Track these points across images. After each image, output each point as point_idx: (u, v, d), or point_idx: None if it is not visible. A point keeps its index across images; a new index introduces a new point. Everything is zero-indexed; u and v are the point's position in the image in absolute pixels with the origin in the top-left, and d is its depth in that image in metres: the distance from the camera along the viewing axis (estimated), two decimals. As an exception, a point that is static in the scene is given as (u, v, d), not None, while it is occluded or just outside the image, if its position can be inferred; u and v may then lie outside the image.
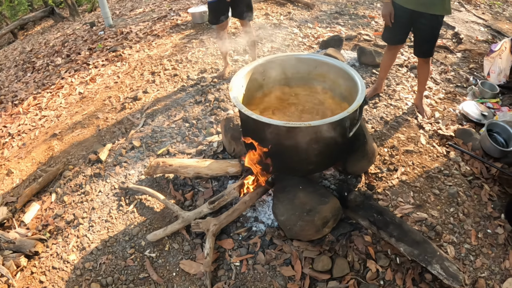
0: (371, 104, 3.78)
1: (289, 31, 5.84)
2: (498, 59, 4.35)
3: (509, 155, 3.08)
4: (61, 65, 5.80)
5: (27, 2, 12.76)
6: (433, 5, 3.06)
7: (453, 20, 6.65)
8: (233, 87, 2.33)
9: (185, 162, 2.72)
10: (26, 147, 3.86)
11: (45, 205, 3.00)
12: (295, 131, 1.98)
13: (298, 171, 2.34)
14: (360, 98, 2.14)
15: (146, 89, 4.27)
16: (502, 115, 3.59)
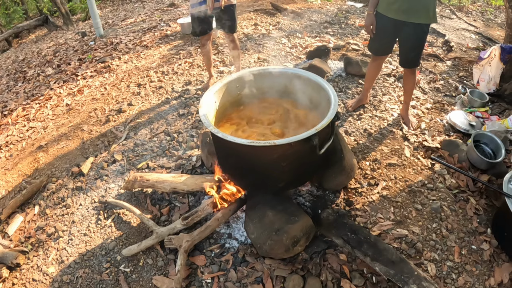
0: (355, 116, 3.75)
1: (277, 41, 5.86)
2: (488, 67, 4.33)
3: (497, 166, 3.02)
4: (51, 76, 5.83)
5: (22, 10, 12.79)
6: (417, 14, 3.02)
7: (443, 27, 6.67)
8: (203, 104, 2.32)
9: (162, 177, 2.73)
10: (13, 159, 3.87)
11: (28, 217, 3.01)
12: (261, 149, 1.98)
13: (268, 188, 2.33)
14: (331, 114, 2.12)
15: (131, 102, 4.29)
16: (491, 125, 3.55)
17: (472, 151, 3.05)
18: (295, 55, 5.33)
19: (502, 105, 4.06)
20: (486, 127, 3.52)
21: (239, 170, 2.29)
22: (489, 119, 3.80)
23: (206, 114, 2.22)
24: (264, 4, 8.11)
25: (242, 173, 2.31)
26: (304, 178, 2.45)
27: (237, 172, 2.33)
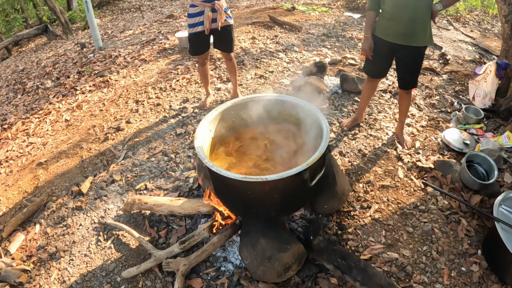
0: (350, 136, 3.79)
1: (275, 56, 5.90)
2: (483, 83, 4.38)
3: (490, 187, 3.06)
4: (50, 89, 5.89)
5: (22, 18, 12.86)
6: (415, 37, 3.07)
7: (440, 39, 6.73)
8: (198, 135, 2.40)
9: (160, 200, 2.81)
10: (13, 175, 3.93)
11: (29, 236, 3.08)
12: (254, 184, 2.06)
13: (261, 216, 2.41)
14: (323, 148, 2.20)
15: (129, 119, 4.36)
16: (485, 143, 3.58)
17: (464, 172, 3.09)
18: (292, 71, 5.39)
19: (497, 121, 4.13)
20: (481, 145, 3.54)
21: (233, 199, 2.38)
22: (484, 136, 3.83)
23: (202, 146, 2.30)
24: (262, 17, 8.16)
25: (236, 202, 2.39)
26: (296, 207, 2.53)
27: (231, 201, 2.42)
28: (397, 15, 3.04)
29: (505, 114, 4.11)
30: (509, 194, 2.66)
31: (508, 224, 2.41)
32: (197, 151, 2.25)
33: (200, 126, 2.51)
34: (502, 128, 3.96)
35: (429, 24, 3.06)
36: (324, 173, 2.45)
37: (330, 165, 2.68)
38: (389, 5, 3.08)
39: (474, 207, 2.80)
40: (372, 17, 3.25)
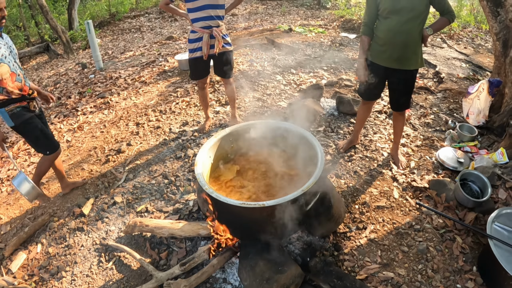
0: (346, 157, 3.86)
1: (272, 78, 5.99)
2: (477, 100, 4.44)
3: (484, 204, 3.09)
4: (52, 109, 5.99)
5: (24, 36, 13.01)
6: (408, 61, 3.18)
7: (434, 57, 6.83)
8: (198, 162, 2.50)
9: (160, 223, 2.89)
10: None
11: (31, 255, 3.12)
12: (252, 209, 2.16)
13: (259, 239, 2.48)
14: (318, 174, 2.30)
15: (130, 142, 4.45)
16: (479, 160, 3.63)
17: (458, 191, 3.13)
18: (289, 93, 5.48)
19: (491, 138, 4.19)
20: (475, 163, 3.60)
21: (232, 223, 2.47)
22: (478, 154, 3.89)
23: (202, 173, 2.40)
24: (259, 39, 8.33)
25: (235, 226, 2.49)
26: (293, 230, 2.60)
27: (231, 225, 2.51)
28: (389, 41, 3.15)
29: (499, 131, 4.18)
30: (503, 211, 2.70)
31: (501, 240, 2.45)
32: (198, 177, 2.35)
33: (200, 152, 2.62)
34: (496, 144, 4.02)
35: (420, 48, 3.19)
36: (319, 197, 2.55)
37: (325, 188, 2.74)
38: (382, 31, 3.19)
39: (467, 225, 2.84)
40: (366, 42, 3.34)
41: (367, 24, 3.31)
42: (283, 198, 2.11)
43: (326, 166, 3.72)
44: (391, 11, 3.07)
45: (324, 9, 12.48)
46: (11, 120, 2.97)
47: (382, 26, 3.19)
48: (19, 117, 2.98)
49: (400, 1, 3.01)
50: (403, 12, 3.02)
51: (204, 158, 2.63)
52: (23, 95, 3.01)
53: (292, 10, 12.73)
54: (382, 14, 3.17)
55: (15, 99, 2.95)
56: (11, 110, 2.94)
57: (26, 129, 3.09)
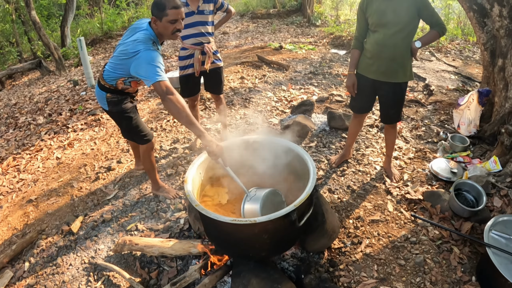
0: (338, 172, 3.87)
1: (263, 95, 6.06)
2: (467, 111, 4.49)
3: (479, 213, 3.10)
4: (42, 125, 5.96)
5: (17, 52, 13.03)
6: (395, 74, 3.20)
7: (424, 71, 6.92)
8: (188, 178, 2.48)
9: (150, 241, 2.86)
10: (3, 211, 3.95)
11: (18, 273, 3.07)
12: (243, 226, 2.14)
13: (252, 257, 2.46)
14: (309, 189, 2.29)
15: (120, 159, 4.43)
16: (472, 169, 3.65)
17: (453, 201, 3.15)
18: (280, 110, 5.52)
19: (483, 147, 4.22)
20: (468, 173, 3.62)
21: (224, 241, 2.45)
22: (471, 163, 3.91)
23: (192, 190, 2.39)
24: (250, 56, 8.42)
25: (227, 243, 2.46)
26: (286, 246, 2.59)
27: (222, 242, 2.48)
28: (377, 54, 3.19)
29: (491, 139, 4.22)
30: (499, 219, 2.71)
31: (499, 248, 2.45)
32: (188, 194, 2.33)
33: (190, 169, 2.61)
34: (488, 153, 4.05)
35: (409, 61, 3.20)
36: (313, 212, 2.53)
37: (319, 203, 2.76)
38: (370, 44, 3.24)
39: (464, 235, 2.83)
40: (356, 56, 3.39)
41: (358, 38, 3.37)
42: (274, 214, 2.10)
43: (319, 182, 3.73)
44: (378, 24, 3.13)
45: (314, 27, 12.67)
46: (108, 105, 3.09)
47: (370, 39, 3.25)
48: (115, 105, 3.10)
49: (387, 15, 3.06)
50: (389, 25, 3.07)
51: (195, 175, 2.62)
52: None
53: (282, 28, 12.92)
54: (370, 27, 3.24)
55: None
56: (112, 97, 3.07)
57: (117, 118, 3.25)
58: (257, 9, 15.68)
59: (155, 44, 2.73)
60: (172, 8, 2.62)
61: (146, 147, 3.36)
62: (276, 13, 15.03)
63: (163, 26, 2.69)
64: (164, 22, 2.66)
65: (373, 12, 3.14)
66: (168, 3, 2.61)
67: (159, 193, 3.63)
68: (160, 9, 2.63)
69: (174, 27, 2.70)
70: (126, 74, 2.87)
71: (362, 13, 3.27)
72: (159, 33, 2.76)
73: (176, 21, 2.68)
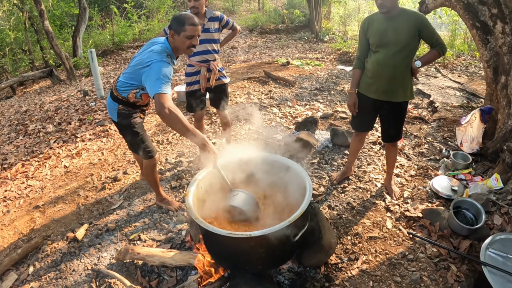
0: (339, 189, 3.90)
1: (269, 111, 6.14)
2: (470, 128, 4.48)
3: (478, 231, 3.10)
4: (52, 133, 6.10)
5: (29, 60, 13.27)
6: (395, 94, 3.25)
7: (429, 87, 6.92)
8: (190, 192, 2.59)
9: (152, 251, 2.95)
10: (10, 215, 4.06)
11: (22, 276, 3.16)
12: (239, 239, 2.21)
13: (248, 270, 2.53)
14: (305, 206, 2.36)
15: (126, 170, 4.54)
16: (474, 187, 3.64)
17: (452, 219, 3.16)
18: (285, 126, 5.59)
19: (486, 164, 4.23)
20: (469, 190, 3.63)
21: (221, 253, 2.53)
22: (473, 181, 3.91)
23: (192, 203, 2.49)
24: (257, 72, 8.52)
25: (224, 256, 2.54)
26: (282, 260, 2.66)
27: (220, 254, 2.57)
28: (377, 74, 3.24)
29: (493, 157, 4.21)
30: (497, 237, 2.70)
31: (494, 267, 2.45)
32: (188, 207, 2.43)
33: (192, 183, 2.71)
34: (490, 171, 4.04)
35: (409, 81, 3.25)
36: (309, 228, 2.59)
37: (317, 220, 2.82)
38: (371, 64, 3.29)
39: (460, 253, 2.84)
40: (357, 75, 3.45)
41: (359, 58, 3.43)
42: (270, 229, 2.18)
43: (319, 198, 3.78)
44: (379, 44, 3.19)
45: (321, 42, 12.79)
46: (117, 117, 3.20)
47: (371, 59, 3.30)
48: (124, 118, 3.20)
49: (387, 35, 3.11)
50: (390, 45, 3.12)
51: (196, 189, 2.72)
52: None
53: (290, 43, 13.05)
54: (371, 47, 3.29)
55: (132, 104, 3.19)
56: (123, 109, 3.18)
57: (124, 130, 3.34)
58: (266, 25, 15.89)
59: (170, 57, 2.85)
60: (190, 25, 2.78)
61: (148, 162, 3.47)
62: (284, 29, 15.24)
63: (180, 40, 2.83)
64: (182, 36, 2.80)
65: (374, 33, 3.20)
66: (187, 19, 2.78)
67: (162, 205, 3.72)
68: (179, 24, 2.78)
69: (190, 42, 2.84)
70: (138, 84, 2.99)
71: (364, 33, 3.33)
72: (175, 47, 2.90)
73: (192, 37, 2.82)
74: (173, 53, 2.91)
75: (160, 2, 16.12)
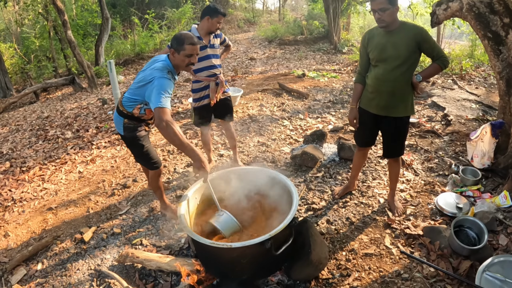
0: (340, 203, 3.87)
1: (279, 123, 6.18)
2: (480, 143, 4.36)
3: (480, 251, 2.96)
4: (70, 140, 6.37)
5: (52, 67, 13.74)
6: (395, 109, 3.21)
7: (444, 100, 6.78)
8: (183, 202, 2.73)
9: (150, 256, 3.11)
10: (25, 215, 4.31)
11: (30, 272, 3.37)
12: (221, 249, 2.34)
13: (234, 279, 2.64)
14: (288, 220, 2.45)
15: (136, 178, 4.73)
16: (480, 204, 3.52)
17: (452, 238, 3.05)
18: (294, 138, 5.63)
19: (496, 181, 4.10)
20: (475, 208, 3.50)
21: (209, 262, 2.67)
22: (481, 198, 3.78)
23: (184, 214, 2.63)
24: (272, 84, 8.60)
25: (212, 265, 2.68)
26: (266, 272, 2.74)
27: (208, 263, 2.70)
28: (377, 88, 3.22)
29: (504, 172, 4.08)
30: (495, 259, 2.62)
31: None
32: (179, 217, 2.58)
33: (185, 194, 2.88)
34: (500, 187, 3.91)
35: (410, 96, 3.22)
36: (299, 242, 2.67)
37: (308, 234, 2.85)
38: (371, 79, 3.27)
39: (452, 274, 2.78)
40: (359, 90, 3.44)
41: (360, 73, 3.43)
42: (249, 241, 2.29)
43: (319, 212, 3.79)
44: (378, 59, 3.16)
45: (340, 54, 12.79)
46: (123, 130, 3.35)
47: (371, 74, 3.28)
48: (130, 131, 3.35)
49: (387, 50, 3.08)
50: (389, 60, 3.09)
51: (190, 199, 2.87)
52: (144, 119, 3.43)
53: (309, 54, 13.09)
54: (372, 62, 3.27)
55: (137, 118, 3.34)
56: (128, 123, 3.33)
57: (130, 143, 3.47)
58: (284, 36, 16.04)
59: (171, 74, 3.01)
60: (189, 44, 2.93)
61: (154, 173, 3.63)
62: (303, 40, 15.34)
63: (180, 59, 2.98)
64: (181, 55, 2.96)
65: (374, 47, 3.17)
66: (186, 39, 2.93)
67: (166, 213, 3.87)
68: (179, 43, 2.94)
69: (189, 61, 2.99)
70: (142, 100, 3.16)
71: (364, 48, 3.31)
72: (175, 64, 3.05)
73: (191, 55, 2.98)
74: (174, 70, 3.07)
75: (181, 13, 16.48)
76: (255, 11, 22.20)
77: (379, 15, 2.98)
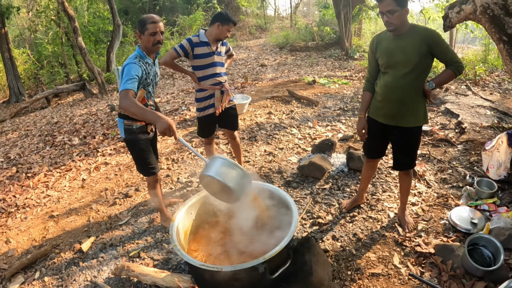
0: (348, 218, 3.68)
1: (288, 132, 6.04)
2: (496, 153, 4.15)
3: (496, 272, 2.75)
4: (76, 146, 6.36)
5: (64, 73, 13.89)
6: (405, 118, 3.02)
7: (458, 106, 6.55)
8: (176, 217, 2.63)
9: (145, 270, 3.00)
10: (27, 222, 4.27)
11: (28, 280, 3.32)
12: (212, 272, 2.22)
13: None
14: (284, 243, 2.33)
15: (138, 187, 4.65)
16: (496, 220, 3.28)
17: (465, 258, 2.84)
18: (302, 148, 5.45)
19: None
20: (491, 224, 3.26)
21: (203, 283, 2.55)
22: (497, 212, 3.58)
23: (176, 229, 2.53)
24: (281, 91, 8.48)
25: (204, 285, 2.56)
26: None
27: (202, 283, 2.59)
28: (386, 97, 3.05)
29: None
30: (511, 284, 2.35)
31: None
32: (170, 233, 2.48)
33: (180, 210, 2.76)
34: None
35: (421, 104, 3.02)
36: (299, 262, 2.54)
37: (310, 254, 2.71)
38: (380, 86, 3.10)
39: None
40: (367, 98, 3.27)
41: (369, 80, 3.27)
42: (241, 265, 2.17)
43: (325, 227, 3.60)
44: (387, 66, 2.99)
45: (351, 60, 12.65)
46: (124, 133, 3.33)
47: (380, 81, 3.11)
48: (130, 134, 3.32)
49: (395, 56, 2.91)
50: (399, 66, 2.91)
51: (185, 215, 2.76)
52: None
53: (320, 61, 12.99)
54: (381, 69, 3.11)
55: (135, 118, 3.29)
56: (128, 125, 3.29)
57: (130, 146, 3.44)
58: (296, 42, 15.97)
59: (140, 58, 3.07)
60: (151, 23, 3.02)
61: (150, 180, 3.58)
62: (314, 46, 15.24)
63: (146, 40, 3.06)
64: (146, 35, 3.05)
65: (382, 53, 3.00)
66: (148, 19, 3.04)
67: (165, 225, 3.79)
68: (142, 25, 3.05)
69: (154, 39, 3.06)
70: None
71: (372, 54, 3.13)
72: (144, 47, 3.12)
73: (155, 33, 3.05)
74: (143, 54, 3.13)
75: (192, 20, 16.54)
76: (267, 18, 22.17)
77: (387, 18, 2.80)
